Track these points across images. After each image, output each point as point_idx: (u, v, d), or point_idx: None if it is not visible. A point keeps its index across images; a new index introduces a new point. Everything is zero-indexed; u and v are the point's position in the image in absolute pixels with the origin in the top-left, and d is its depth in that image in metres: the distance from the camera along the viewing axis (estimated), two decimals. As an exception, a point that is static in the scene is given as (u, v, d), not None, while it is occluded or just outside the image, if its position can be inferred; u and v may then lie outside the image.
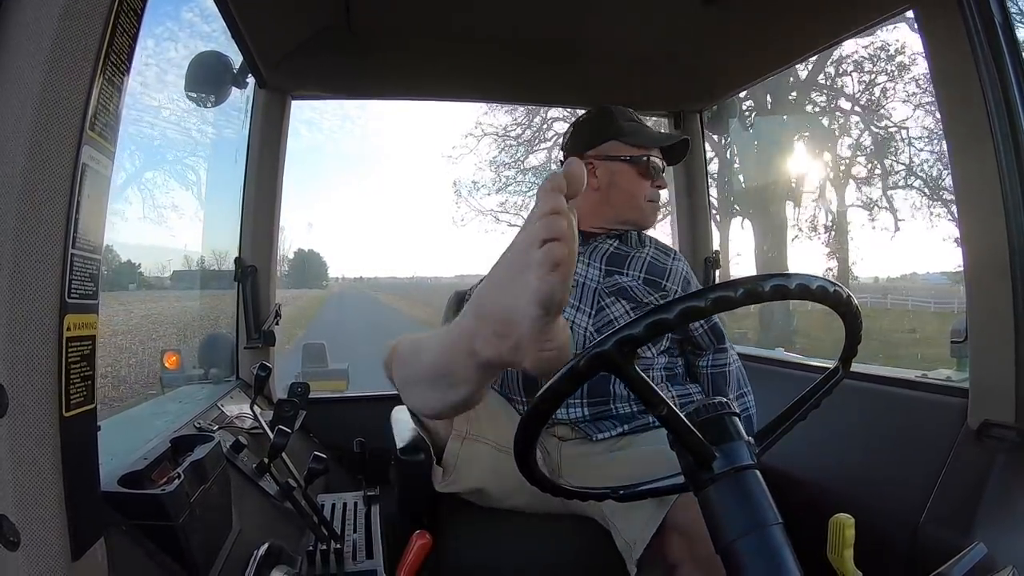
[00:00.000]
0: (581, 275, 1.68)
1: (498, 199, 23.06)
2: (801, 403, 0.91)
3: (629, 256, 1.74)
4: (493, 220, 21.61)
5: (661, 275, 1.71)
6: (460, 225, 22.47)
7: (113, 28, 0.67)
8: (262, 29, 1.76)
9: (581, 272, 1.69)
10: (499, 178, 20.90)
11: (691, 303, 0.70)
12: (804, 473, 1.67)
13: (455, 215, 24.39)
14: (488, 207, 23.15)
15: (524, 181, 20.48)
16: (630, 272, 1.70)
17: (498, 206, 21.74)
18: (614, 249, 1.75)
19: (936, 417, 1.43)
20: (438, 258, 39.36)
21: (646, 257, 1.74)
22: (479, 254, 56.27)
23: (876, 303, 24.38)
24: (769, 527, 0.73)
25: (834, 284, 0.75)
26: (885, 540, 1.34)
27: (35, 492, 0.62)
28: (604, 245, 1.76)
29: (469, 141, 20.90)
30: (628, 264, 1.72)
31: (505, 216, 21.12)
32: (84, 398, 0.68)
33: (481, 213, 21.99)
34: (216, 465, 1.17)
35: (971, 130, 1.25)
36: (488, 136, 20.22)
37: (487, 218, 22.05)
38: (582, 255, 1.71)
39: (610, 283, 1.67)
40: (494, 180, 21.26)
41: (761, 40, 1.89)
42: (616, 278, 1.68)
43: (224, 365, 2.19)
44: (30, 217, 0.61)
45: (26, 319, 0.61)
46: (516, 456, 0.88)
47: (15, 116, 0.61)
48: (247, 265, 2.10)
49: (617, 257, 1.73)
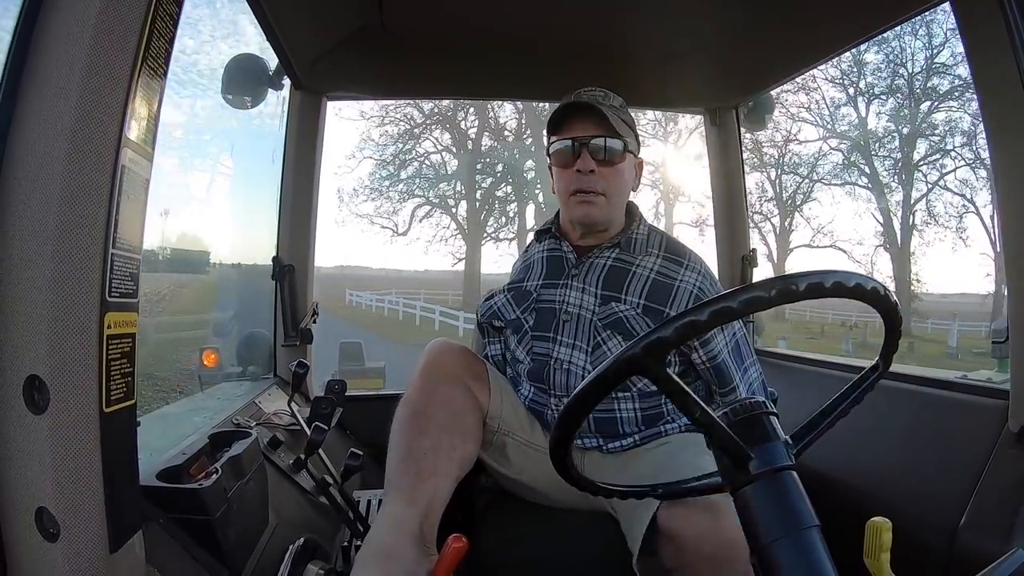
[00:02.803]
0: (576, 306, 1.53)
1: (374, 205, 26.63)
2: (840, 400, 0.89)
3: (630, 272, 1.54)
4: (368, 223, 26.64)
5: (664, 298, 1.50)
6: (340, 225, 26.54)
7: (150, 33, 0.68)
8: (297, 31, 1.78)
9: (575, 302, 1.54)
10: (374, 189, 25.64)
11: (723, 304, 0.69)
12: (840, 475, 1.64)
13: (336, 217, 26.84)
14: (364, 212, 26.95)
15: (396, 191, 25.32)
16: (628, 298, 1.51)
17: (373, 211, 26.76)
18: (612, 263, 1.56)
19: (975, 419, 1.39)
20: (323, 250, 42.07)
21: (650, 272, 1.53)
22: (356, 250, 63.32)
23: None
24: (806, 529, 0.72)
25: (872, 280, 0.74)
26: (922, 545, 1.31)
27: (75, 485, 0.63)
28: (600, 260, 1.57)
29: (351, 162, 26.28)
30: (627, 285, 1.52)
31: (379, 220, 25.61)
32: (124, 394, 0.70)
33: (359, 216, 26.46)
34: (253, 461, 1.19)
35: (1012, 123, 1.21)
36: (368, 159, 25.76)
37: (363, 221, 27.52)
38: (576, 278, 1.56)
39: (605, 313, 1.51)
40: (370, 191, 25.74)
41: (797, 34, 1.85)
42: (612, 306, 1.51)
43: (261, 362, 2.22)
44: (71, 218, 0.63)
45: (67, 317, 0.63)
46: (552, 456, 0.88)
47: (55, 121, 0.63)
48: (285, 264, 2.12)
49: (615, 275, 1.54)
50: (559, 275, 1.59)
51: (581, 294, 1.54)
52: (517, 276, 1.69)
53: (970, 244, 22.84)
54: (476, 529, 1.44)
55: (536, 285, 1.61)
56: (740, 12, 1.79)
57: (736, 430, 0.77)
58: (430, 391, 1.39)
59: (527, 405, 1.58)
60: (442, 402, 1.38)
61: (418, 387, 1.40)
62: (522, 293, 1.63)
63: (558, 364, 1.52)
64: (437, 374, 1.42)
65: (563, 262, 1.60)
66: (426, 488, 1.27)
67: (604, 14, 1.87)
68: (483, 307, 1.71)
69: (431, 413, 1.35)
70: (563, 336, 1.53)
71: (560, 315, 1.54)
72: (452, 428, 1.36)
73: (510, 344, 1.63)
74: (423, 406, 1.36)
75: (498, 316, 1.66)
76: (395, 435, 1.36)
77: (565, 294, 1.55)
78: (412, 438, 1.33)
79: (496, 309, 1.66)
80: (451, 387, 1.41)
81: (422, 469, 1.28)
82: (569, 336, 1.53)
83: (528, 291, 1.61)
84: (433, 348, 1.48)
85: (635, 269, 1.54)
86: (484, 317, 1.70)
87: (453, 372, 1.44)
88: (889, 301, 0.76)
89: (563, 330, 1.53)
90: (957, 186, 22.49)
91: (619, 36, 2.01)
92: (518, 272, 1.70)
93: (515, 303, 1.63)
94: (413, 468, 1.28)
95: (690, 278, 1.52)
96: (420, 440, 1.32)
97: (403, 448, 1.32)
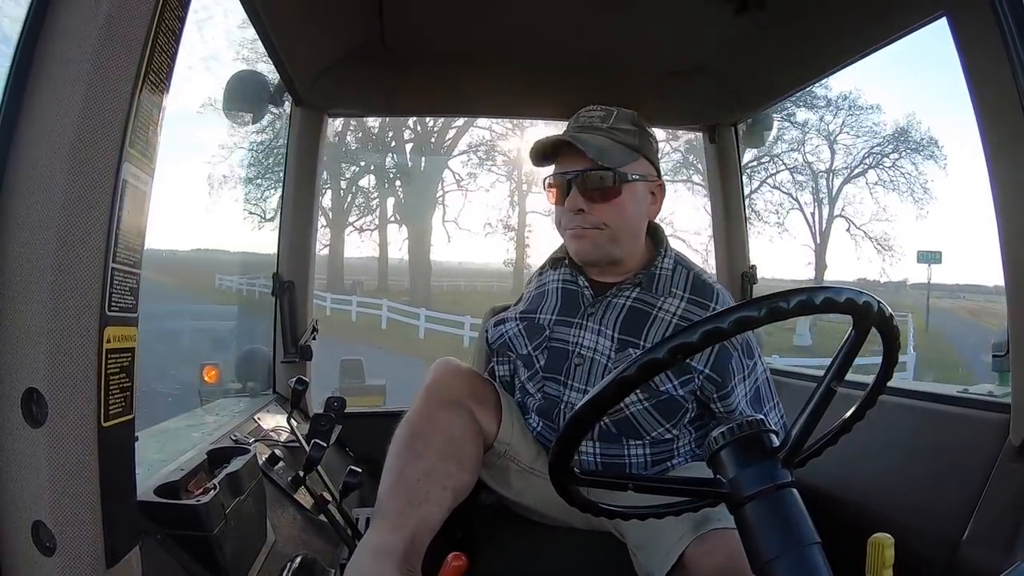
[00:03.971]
0: (590, 348, 1.43)
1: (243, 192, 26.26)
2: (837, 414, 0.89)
3: (651, 315, 1.42)
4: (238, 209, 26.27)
5: None
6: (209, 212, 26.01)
7: (152, 48, 0.69)
8: (298, 48, 1.80)
9: (590, 345, 1.43)
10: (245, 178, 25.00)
11: (745, 313, 0.69)
12: (841, 491, 1.63)
13: (206, 203, 27.70)
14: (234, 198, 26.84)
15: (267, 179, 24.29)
16: (647, 345, 1.36)
17: (242, 198, 25.53)
18: (632, 303, 1.44)
19: (977, 433, 1.38)
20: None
21: (673, 317, 1.42)
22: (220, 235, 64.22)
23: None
24: (808, 546, 0.72)
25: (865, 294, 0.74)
26: (924, 560, 1.30)
27: (72, 499, 0.63)
28: (619, 300, 1.45)
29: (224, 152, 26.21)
30: (647, 329, 1.41)
31: (247, 207, 24.91)
32: (123, 408, 0.70)
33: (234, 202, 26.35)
34: (251, 477, 1.18)
35: (1009, 136, 1.22)
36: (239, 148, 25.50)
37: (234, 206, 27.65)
38: (592, 318, 1.45)
39: (622, 359, 1.39)
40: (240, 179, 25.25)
41: (794, 52, 1.87)
42: (631, 352, 1.39)
43: (261, 378, 2.22)
44: (71, 232, 0.63)
45: (67, 331, 0.63)
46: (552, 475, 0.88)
47: (57, 134, 0.63)
48: (285, 280, 2.12)
49: (635, 318, 1.43)
50: (574, 313, 1.48)
51: (597, 336, 1.43)
52: (530, 305, 1.57)
53: (794, 237, 26.00)
54: (476, 547, 1.43)
55: (550, 320, 1.50)
56: (738, 30, 1.81)
57: (735, 448, 0.77)
58: (430, 414, 1.34)
59: (535, 437, 1.52)
60: (442, 427, 1.32)
61: (419, 409, 1.36)
62: (535, 327, 1.52)
63: (569, 408, 1.44)
64: (440, 397, 1.37)
65: (579, 298, 1.49)
66: (415, 515, 1.22)
67: (605, 33, 1.89)
68: (493, 332, 1.61)
69: (429, 437, 1.31)
70: (575, 381, 1.45)
71: (573, 358, 1.45)
72: (449, 455, 1.30)
73: (520, 374, 1.56)
74: (422, 429, 1.32)
75: (510, 347, 1.56)
76: (391, 457, 1.31)
77: (580, 335, 1.45)
78: (407, 462, 1.29)
79: (508, 339, 1.56)
80: (453, 412, 1.35)
81: (413, 495, 1.24)
82: (581, 381, 1.44)
83: (541, 325, 1.51)
84: (439, 368, 1.43)
85: (657, 313, 1.42)
86: (494, 343, 1.61)
87: (457, 396, 1.38)
88: (884, 315, 0.76)
89: (575, 375, 1.45)
90: (785, 186, 24.99)
91: (619, 54, 2.02)
92: (532, 300, 1.59)
93: (527, 336, 1.53)
94: (404, 493, 1.25)
95: None
96: (415, 464, 1.28)
97: (396, 471, 1.28)
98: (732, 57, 2.02)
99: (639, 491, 0.86)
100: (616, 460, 1.45)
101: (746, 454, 0.77)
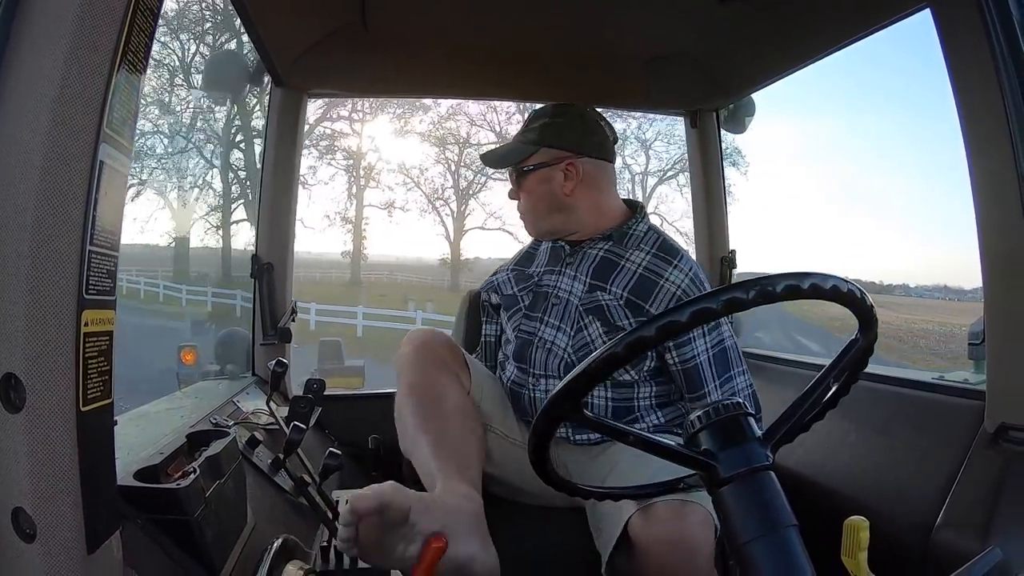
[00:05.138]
0: (566, 291, 1.62)
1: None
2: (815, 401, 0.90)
3: (619, 265, 1.59)
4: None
5: (647, 296, 1.53)
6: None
7: (130, 27, 0.67)
8: (278, 27, 1.77)
9: (566, 288, 1.62)
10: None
11: (734, 294, 0.71)
12: (818, 475, 1.66)
13: None
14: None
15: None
16: (613, 289, 1.56)
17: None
18: (604, 254, 1.63)
19: (952, 420, 1.41)
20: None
21: (638, 267, 1.57)
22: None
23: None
24: (784, 528, 0.73)
25: (848, 283, 0.75)
26: (899, 543, 1.33)
27: (51, 485, 0.63)
28: (592, 251, 1.64)
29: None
30: (615, 277, 1.58)
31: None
32: (101, 393, 0.69)
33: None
34: (231, 460, 1.17)
35: (989, 130, 1.23)
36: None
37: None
38: (570, 266, 1.65)
39: (589, 300, 1.57)
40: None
41: (777, 39, 1.87)
42: (597, 295, 1.57)
43: (240, 361, 2.21)
44: (48, 214, 0.62)
45: (44, 314, 0.62)
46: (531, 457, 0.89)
47: (34, 113, 0.62)
48: (264, 262, 2.11)
49: (605, 265, 1.60)
50: (556, 264, 1.69)
51: (572, 281, 1.62)
52: (521, 262, 1.81)
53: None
54: None
55: (539, 272, 1.72)
56: (722, 16, 1.81)
57: (714, 430, 0.78)
58: (433, 379, 1.46)
59: (508, 386, 1.65)
60: (449, 389, 1.46)
61: (418, 377, 1.45)
62: (525, 275, 1.74)
63: (541, 343, 1.61)
64: (433, 363, 1.49)
65: (561, 252, 1.69)
66: (473, 467, 1.33)
67: (586, 17, 1.88)
68: (486, 283, 1.85)
69: (443, 400, 1.42)
70: (550, 317, 1.62)
71: (551, 299, 1.64)
72: (468, 412, 1.44)
73: (504, 325, 1.73)
74: (434, 394, 1.43)
75: (497, 290, 1.78)
76: (412, 428, 1.40)
77: (559, 280, 1.65)
78: (433, 425, 1.37)
79: (497, 284, 1.79)
80: (449, 376, 1.49)
81: (461, 449, 1.34)
82: (555, 318, 1.61)
83: (530, 275, 1.73)
84: (419, 337, 1.54)
85: (624, 263, 1.59)
86: (485, 291, 1.84)
87: (446, 360, 1.51)
88: (864, 303, 0.78)
89: (551, 312, 1.62)
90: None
91: (600, 39, 2.02)
92: (522, 259, 1.82)
93: (515, 281, 1.74)
94: (452, 455, 1.32)
95: (677, 279, 1.53)
96: (443, 425, 1.38)
97: (433, 434, 1.36)
98: (715, 44, 2.02)
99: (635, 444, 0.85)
100: None
101: (727, 436, 0.78)
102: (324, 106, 22.64)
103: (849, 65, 37.22)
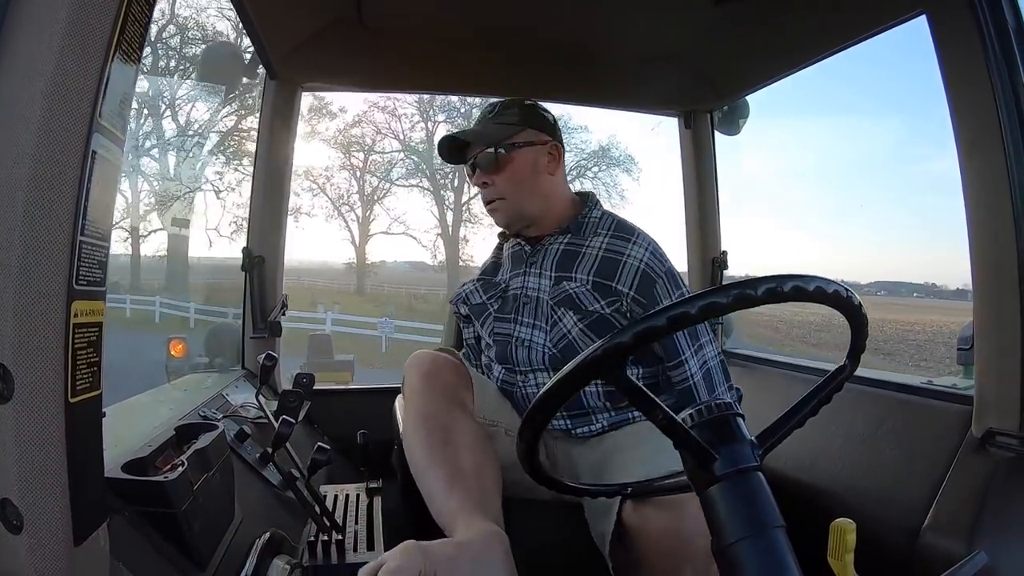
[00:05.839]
0: (534, 288, 1.63)
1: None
2: (806, 401, 0.90)
3: (581, 253, 1.62)
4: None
5: (612, 274, 1.56)
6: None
7: (125, 16, 0.67)
8: (273, 20, 1.76)
9: (533, 285, 1.64)
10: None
11: (681, 310, 0.70)
12: (806, 477, 1.66)
13: None
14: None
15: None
16: (578, 276, 1.58)
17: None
18: (564, 247, 1.65)
19: (940, 424, 1.42)
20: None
21: (599, 250, 1.60)
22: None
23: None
24: (771, 529, 0.73)
25: (834, 283, 0.75)
26: (886, 546, 1.33)
27: (39, 476, 0.62)
28: (553, 246, 1.66)
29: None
30: (578, 264, 1.60)
31: None
32: (90, 384, 0.68)
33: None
34: (220, 454, 1.17)
35: (982, 135, 1.24)
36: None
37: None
38: (533, 265, 1.66)
39: (557, 292, 1.59)
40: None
41: (772, 42, 1.88)
42: (564, 285, 1.59)
43: (229, 354, 2.20)
44: (39, 203, 0.61)
45: (33, 305, 0.61)
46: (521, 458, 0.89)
47: (26, 102, 0.61)
48: (255, 255, 2.10)
49: (567, 257, 1.63)
50: (520, 265, 1.69)
51: (538, 278, 1.64)
52: (487, 271, 1.81)
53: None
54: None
55: (505, 279, 1.72)
56: (717, 18, 1.81)
57: (703, 430, 0.78)
58: (442, 408, 1.39)
59: (499, 387, 1.65)
60: (460, 419, 1.39)
61: (426, 407, 1.39)
62: (492, 284, 1.74)
63: (519, 342, 1.61)
64: (442, 391, 1.43)
65: (522, 254, 1.70)
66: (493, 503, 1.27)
67: (582, 15, 1.88)
68: (456, 295, 1.83)
69: (454, 432, 1.35)
70: (523, 316, 1.63)
71: (521, 299, 1.65)
72: (481, 439, 1.37)
73: (480, 332, 1.72)
74: (447, 422, 1.36)
75: (466, 301, 1.77)
76: (426, 461, 1.32)
77: (525, 280, 1.66)
78: (449, 452, 1.31)
79: (465, 295, 1.78)
80: (457, 403, 1.42)
81: (480, 481, 1.28)
82: (529, 316, 1.62)
83: (497, 283, 1.73)
84: (425, 363, 1.48)
85: (584, 250, 1.62)
86: (454, 302, 1.83)
87: (454, 386, 1.46)
88: (852, 303, 0.78)
89: (523, 311, 1.63)
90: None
91: (596, 37, 2.02)
92: (489, 268, 1.81)
93: (483, 291, 1.75)
94: (472, 484, 1.27)
95: (637, 253, 1.57)
96: (458, 453, 1.32)
97: (449, 465, 1.30)
98: (710, 46, 2.02)
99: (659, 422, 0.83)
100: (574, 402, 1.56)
101: (712, 437, 0.78)
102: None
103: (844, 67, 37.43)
